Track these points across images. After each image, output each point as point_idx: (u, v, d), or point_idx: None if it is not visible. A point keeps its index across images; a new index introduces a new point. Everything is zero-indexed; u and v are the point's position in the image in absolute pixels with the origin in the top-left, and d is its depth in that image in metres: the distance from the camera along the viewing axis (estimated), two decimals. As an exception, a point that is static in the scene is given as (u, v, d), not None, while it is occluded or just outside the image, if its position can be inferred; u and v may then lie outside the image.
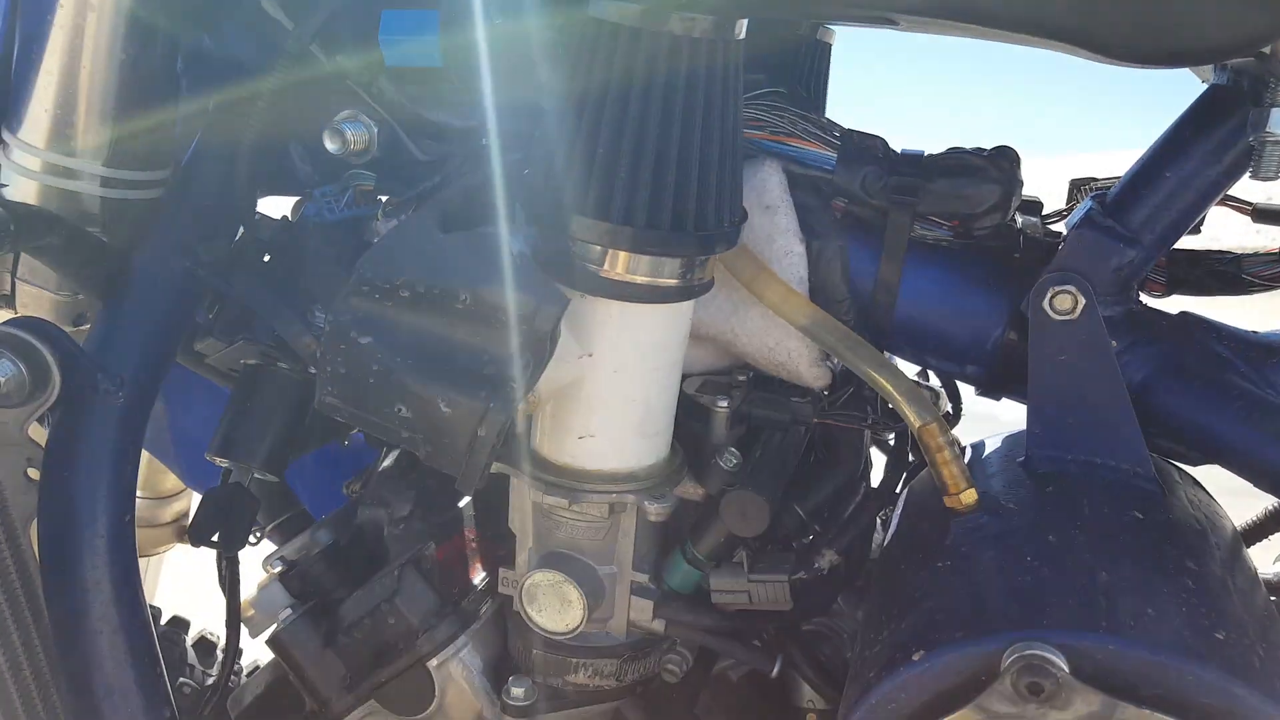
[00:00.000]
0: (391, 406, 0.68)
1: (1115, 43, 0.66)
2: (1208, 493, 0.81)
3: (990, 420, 0.95)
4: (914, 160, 0.79)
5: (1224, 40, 0.64)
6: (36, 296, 0.87)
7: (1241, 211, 0.83)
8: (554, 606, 0.75)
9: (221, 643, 1.34)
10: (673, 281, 0.68)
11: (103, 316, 0.82)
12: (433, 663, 0.80)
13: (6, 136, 0.83)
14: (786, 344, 0.77)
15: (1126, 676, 0.57)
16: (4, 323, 0.74)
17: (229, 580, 0.90)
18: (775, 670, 0.78)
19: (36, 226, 0.74)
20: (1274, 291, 0.81)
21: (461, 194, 0.70)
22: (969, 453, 0.84)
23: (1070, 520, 0.70)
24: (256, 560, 0.93)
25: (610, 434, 0.72)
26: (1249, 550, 0.80)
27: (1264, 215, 0.83)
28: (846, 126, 0.81)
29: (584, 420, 0.72)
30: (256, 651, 1.04)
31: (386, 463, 0.94)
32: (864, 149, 0.78)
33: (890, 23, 0.71)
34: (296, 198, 1.01)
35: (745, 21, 0.63)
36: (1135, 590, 0.63)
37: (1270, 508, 0.88)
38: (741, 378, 0.82)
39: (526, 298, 0.63)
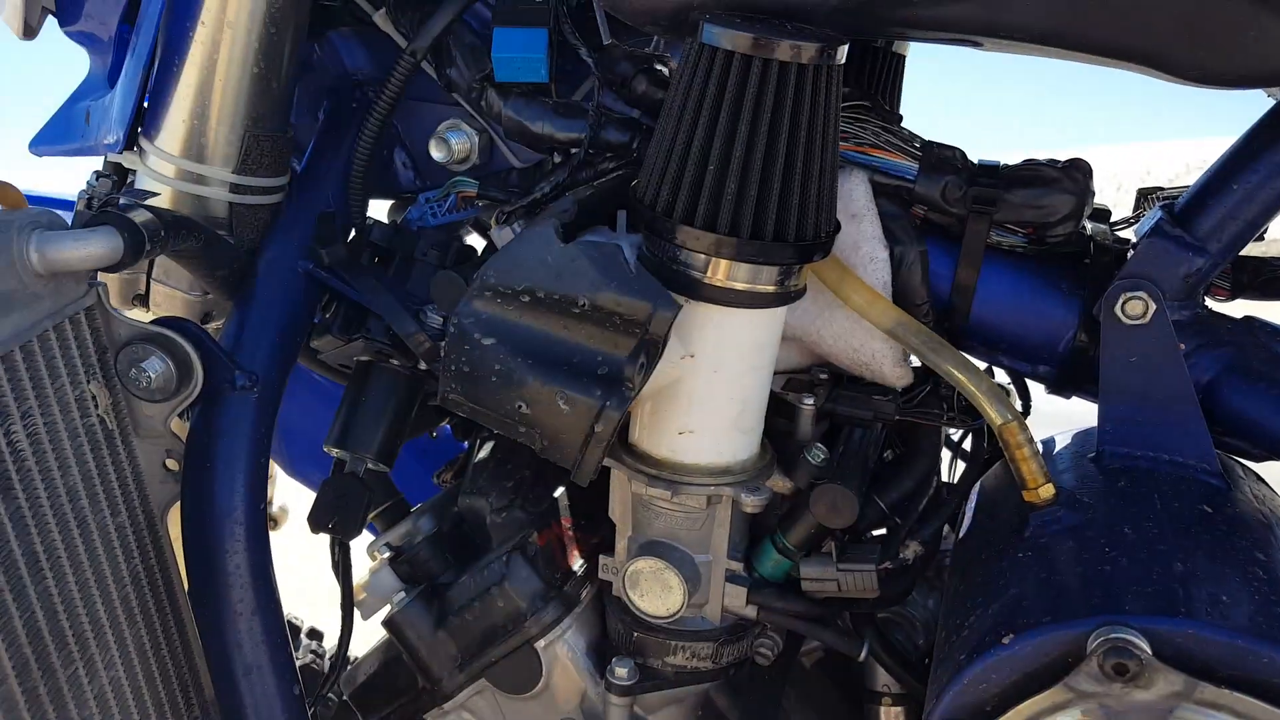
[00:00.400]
0: (512, 403, 0.74)
1: (1190, 67, 0.70)
2: (1271, 487, 0.85)
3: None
4: (991, 171, 0.83)
5: None
6: (169, 296, 0.94)
7: (1303, 220, 0.86)
8: (655, 592, 0.81)
9: (305, 626, 1.41)
10: (770, 288, 0.73)
11: (234, 316, 0.88)
12: (540, 644, 0.86)
13: (144, 144, 0.90)
14: (870, 345, 0.82)
15: (1205, 659, 0.62)
16: (152, 323, 0.81)
17: (342, 565, 0.96)
18: (863, 654, 0.83)
19: (182, 231, 0.80)
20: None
21: (574, 205, 0.75)
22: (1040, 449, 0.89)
23: (1143, 514, 0.74)
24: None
25: (709, 430, 0.78)
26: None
27: (1327, 224, 0.87)
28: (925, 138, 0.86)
29: (684, 417, 0.77)
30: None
31: (482, 454, 1.00)
32: (944, 160, 0.83)
33: (976, 44, 0.76)
34: (391, 201, 1.08)
35: (846, 47, 0.68)
36: (1209, 579, 0.67)
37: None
38: (823, 376, 0.87)
39: (643, 303, 0.69)
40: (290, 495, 1.39)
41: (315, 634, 1.45)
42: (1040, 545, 0.75)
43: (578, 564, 0.91)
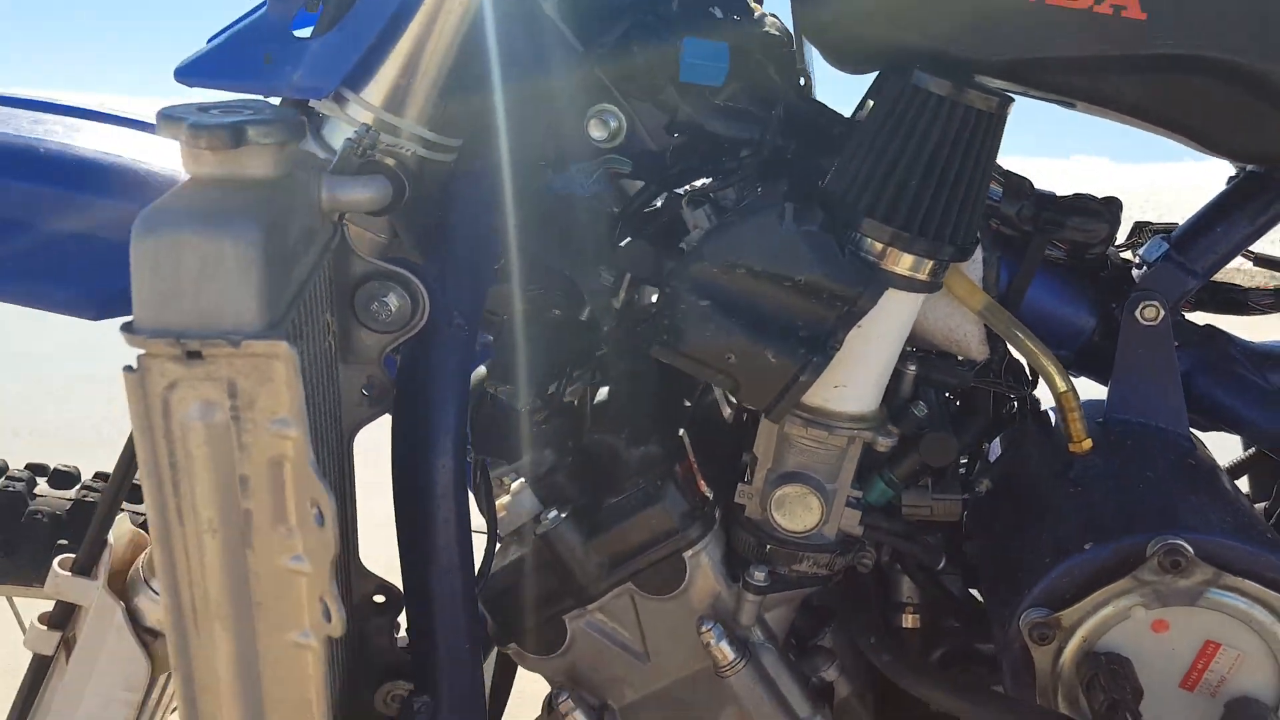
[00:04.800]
0: (722, 356, 0.92)
1: (1222, 146, 0.98)
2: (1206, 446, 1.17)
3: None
4: (1051, 199, 1.09)
5: None
6: (359, 236, 1.02)
7: (1245, 256, 1.18)
8: (797, 513, 1.00)
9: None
10: (925, 277, 0.94)
11: (435, 263, 0.99)
12: (687, 554, 1.04)
13: (347, 93, 0.98)
14: (964, 327, 1.06)
15: (1224, 558, 0.90)
16: (389, 261, 0.91)
17: (484, 487, 1.09)
18: (942, 563, 1.07)
19: (419, 181, 0.91)
20: (1269, 315, 1.17)
21: (781, 197, 0.93)
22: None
23: (1154, 462, 1.02)
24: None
25: (858, 385, 0.98)
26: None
27: (1261, 261, 1.19)
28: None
29: (843, 373, 0.97)
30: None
31: (599, 398, 1.16)
32: (1019, 187, 1.07)
33: (1070, 105, 1.00)
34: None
35: (1015, 101, 0.91)
36: (1214, 507, 0.96)
37: (1236, 460, 1.26)
38: (910, 349, 1.09)
39: (855, 287, 0.89)
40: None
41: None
42: (1085, 483, 1.02)
43: (706, 491, 1.09)
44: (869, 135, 0.92)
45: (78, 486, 1.28)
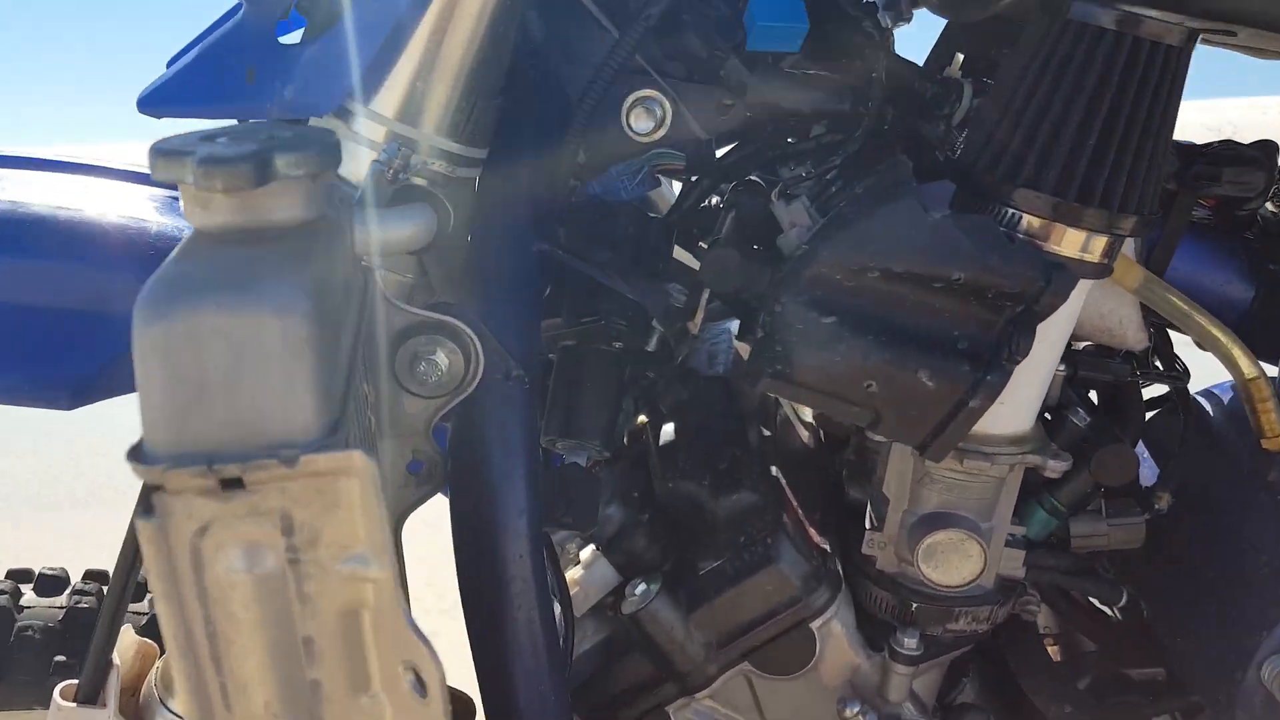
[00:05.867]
0: (857, 384, 0.72)
1: None
2: None
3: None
4: (1196, 150, 0.90)
5: None
6: (382, 278, 0.81)
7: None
8: (953, 563, 0.81)
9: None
10: (1097, 258, 0.75)
11: (476, 303, 0.78)
12: (815, 624, 0.84)
13: (354, 106, 0.77)
14: (1119, 311, 0.87)
15: None
16: (432, 307, 0.70)
17: (551, 558, 0.89)
18: (1124, 599, 0.88)
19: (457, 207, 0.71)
20: None
21: (911, 178, 0.73)
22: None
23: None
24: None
25: (1018, 400, 0.79)
26: None
27: None
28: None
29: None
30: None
31: (664, 439, 0.96)
32: None
33: (1233, 34, 0.81)
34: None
35: (1200, 35, 0.72)
36: None
37: None
38: None
39: (1035, 279, 0.69)
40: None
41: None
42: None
43: (821, 541, 0.89)
44: (1017, 89, 0.72)
45: (68, 591, 1.12)
